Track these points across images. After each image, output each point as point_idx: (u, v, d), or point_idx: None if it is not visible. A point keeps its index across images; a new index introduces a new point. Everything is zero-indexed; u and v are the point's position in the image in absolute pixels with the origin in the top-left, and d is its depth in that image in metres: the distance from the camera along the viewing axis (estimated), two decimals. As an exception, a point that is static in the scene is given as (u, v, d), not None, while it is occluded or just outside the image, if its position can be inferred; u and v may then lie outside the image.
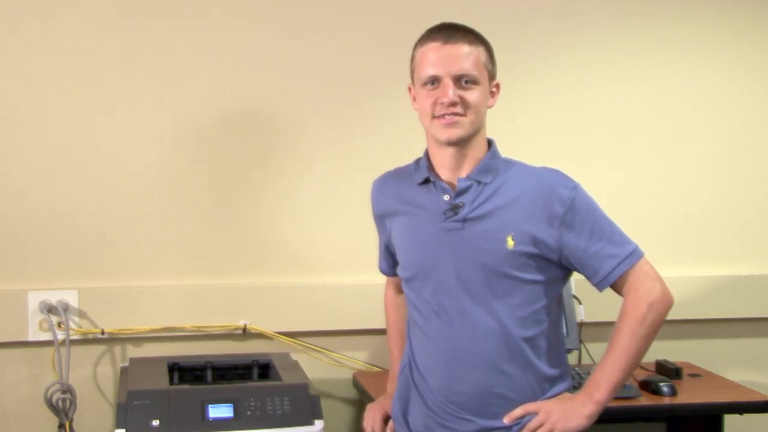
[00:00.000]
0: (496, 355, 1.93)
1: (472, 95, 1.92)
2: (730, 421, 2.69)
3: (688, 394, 2.65)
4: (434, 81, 1.92)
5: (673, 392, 2.62)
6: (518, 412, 1.93)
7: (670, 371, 2.80)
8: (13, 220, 2.71)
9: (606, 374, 1.93)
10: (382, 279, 2.33)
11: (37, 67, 2.70)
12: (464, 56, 1.91)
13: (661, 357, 2.92)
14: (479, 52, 1.94)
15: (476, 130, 1.95)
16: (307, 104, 2.88)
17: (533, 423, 1.92)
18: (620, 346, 1.93)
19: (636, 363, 1.96)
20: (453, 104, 1.90)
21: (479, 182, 1.95)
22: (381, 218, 2.15)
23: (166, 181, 2.80)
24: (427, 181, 2.00)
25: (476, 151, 1.97)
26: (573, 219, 1.92)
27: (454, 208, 1.95)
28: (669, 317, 3.07)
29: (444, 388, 1.97)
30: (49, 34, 2.71)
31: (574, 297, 2.87)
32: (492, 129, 2.07)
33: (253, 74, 2.84)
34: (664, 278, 3.07)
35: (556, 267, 1.96)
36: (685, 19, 3.11)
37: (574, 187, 1.94)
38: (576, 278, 2.89)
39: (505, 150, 2.07)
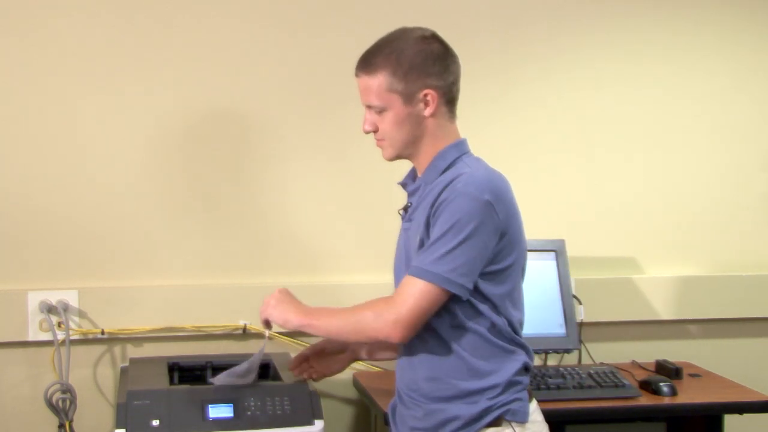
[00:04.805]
0: (427, 349, 1.98)
1: (384, 121, 2.01)
2: (730, 421, 2.69)
3: (688, 394, 2.65)
4: None
5: (673, 392, 2.62)
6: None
7: (670, 371, 2.80)
8: (13, 220, 2.71)
9: (327, 315, 2.05)
10: (382, 279, 2.33)
11: (36, 68, 2.70)
12: (365, 89, 2.02)
13: (661, 357, 2.92)
14: (380, 79, 1.98)
15: (405, 148, 2.02)
16: (307, 103, 2.88)
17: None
18: (340, 314, 2.02)
19: (336, 333, 2.07)
20: (369, 132, 2.04)
21: (426, 183, 2.02)
22: None
23: (166, 182, 2.80)
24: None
25: (428, 158, 2.03)
26: (434, 213, 1.93)
27: (405, 209, 2.08)
28: (669, 317, 3.11)
29: (399, 378, 2.08)
30: (45, 37, 2.70)
31: (574, 297, 2.87)
32: (493, 129, 2.07)
33: (254, 72, 2.84)
34: (664, 278, 3.09)
35: None
36: (686, 21, 3.11)
37: (460, 193, 1.90)
38: (576, 278, 2.92)
39: (505, 149, 2.08)
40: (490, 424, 1.95)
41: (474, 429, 1.94)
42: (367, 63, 2.01)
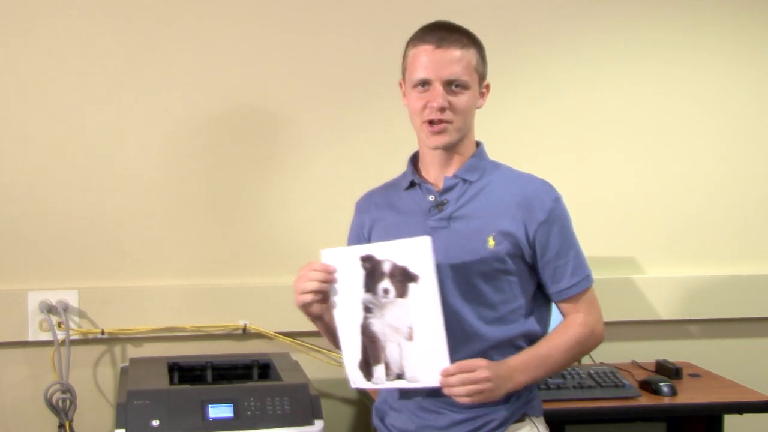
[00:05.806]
0: (472, 354, 1.91)
1: (461, 100, 1.93)
2: (730, 421, 2.69)
3: (688, 394, 2.65)
4: (425, 84, 1.93)
5: (673, 392, 2.62)
6: (452, 369, 1.85)
7: (670, 371, 2.80)
8: (14, 220, 2.71)
9: (535, 365, 1.93)
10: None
11: (36, 68, 2.71)
12: (456, 61, 1.91)
13: (661, 357, 2.93)
14: (471, 55, 1.94)
15: (464, 134, 1.97)
16: (307, 104, 2.88)
17: (468, 376, 1.84)
18: (558, 351, 1.96)
19: (554, 372, 2.01)
20: (441, 109, 1.91)
21: (465, 180, 1.97)
22: (360, 228, 2.13)
23: (166, 181, 2.80)
24: (413, 184, 2.03)
25: (464, 152, 1.99)
26: (549, 229, 1.94)
27: (439, 206, 1.97)
28: (669, 317, 3.11)
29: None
30: (47, 35, 2.71)
31: (574, 297, 2.86)
32: (493, 128, 2.07)
33: (255, 74, 2.84)
34: (664, 278, 3.10)
35: (533, 268, 1.98)
36: (686, 21, 3.10)
37: (557, 199, 1.97)
38: (576, 278, 2.91)
39: (505, 150, 2.07)
40: (517, 421, 1.97)
41: (504, 428, 1.95)
42: (457, 38, 1.93)
